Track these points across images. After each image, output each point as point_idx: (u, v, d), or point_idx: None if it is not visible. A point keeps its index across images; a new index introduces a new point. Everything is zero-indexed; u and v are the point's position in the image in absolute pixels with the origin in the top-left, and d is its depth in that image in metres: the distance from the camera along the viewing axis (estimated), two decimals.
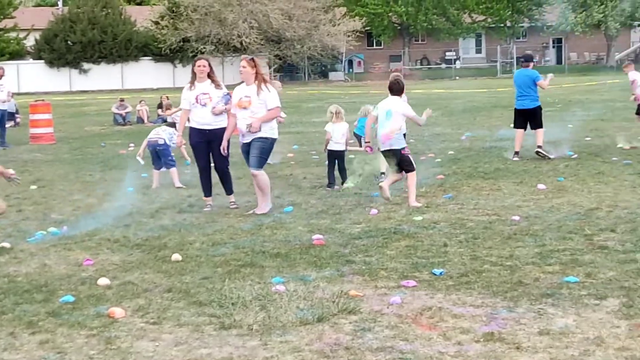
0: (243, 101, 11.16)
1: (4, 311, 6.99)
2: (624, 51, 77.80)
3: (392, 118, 11.61)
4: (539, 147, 16.01)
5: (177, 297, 7.30)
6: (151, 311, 6.90)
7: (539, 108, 16.40)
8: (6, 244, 9.70)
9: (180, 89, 12.79)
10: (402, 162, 11.64)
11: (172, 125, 15.20)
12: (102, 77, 68.06)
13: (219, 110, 11.51)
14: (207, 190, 12.00)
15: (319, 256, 8.63)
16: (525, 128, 16.39)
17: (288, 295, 7.13)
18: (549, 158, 15.73)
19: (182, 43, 67.40)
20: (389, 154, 11.73)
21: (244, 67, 11.19)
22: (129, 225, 10.71)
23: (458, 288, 7.28)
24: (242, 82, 11.38)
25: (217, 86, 11.69)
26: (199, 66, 11.64)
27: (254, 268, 8.23)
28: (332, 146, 13.48)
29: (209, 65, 11.76)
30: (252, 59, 11.31)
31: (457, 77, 66.28)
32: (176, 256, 8.79)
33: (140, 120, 31.74)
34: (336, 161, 13.49)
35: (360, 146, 14.97)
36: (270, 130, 11.27)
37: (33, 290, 7.66)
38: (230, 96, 11.57)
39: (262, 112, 11.12)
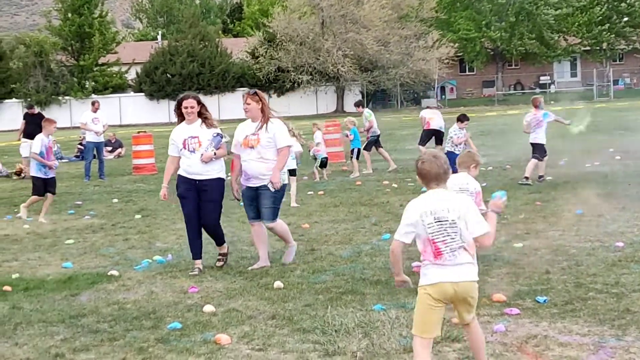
0: (250, 139, 9.89)
1: (116, 337, 7.20)
2: None
3: None
4: None
5: (281, 324, 7.41)
6: (256, 338, 7.02)
7: None
8: (115, 272, 10.00)
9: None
10: None
11: None
12: None
13: (208, 158, 9.84)
14: (196, 251, 10.14)
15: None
16: None
17: (390, 323, 7.16)
18: None
19: (277, 73, 68.38)
20: None
21: (248, 104, 9.89)
22: (230, 254, 10.85)
23: (563, 316, 7.21)
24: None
25: (209, 125, 10.05)
26: (186, 107, 9.94)
27: (355, 295, 8.28)
28: None
29: (199, 102, 10.07)
30: (256, 93, 10.01)
31: (552, 102, 65.35)
32: (278, 283, 8.90)
33: None
34: None
35: None
36: (282, 176, 9.97)
37: (142, 317, 7.87)
38: (222, 137, 10.05)
39: (270, 152, 9.84)
